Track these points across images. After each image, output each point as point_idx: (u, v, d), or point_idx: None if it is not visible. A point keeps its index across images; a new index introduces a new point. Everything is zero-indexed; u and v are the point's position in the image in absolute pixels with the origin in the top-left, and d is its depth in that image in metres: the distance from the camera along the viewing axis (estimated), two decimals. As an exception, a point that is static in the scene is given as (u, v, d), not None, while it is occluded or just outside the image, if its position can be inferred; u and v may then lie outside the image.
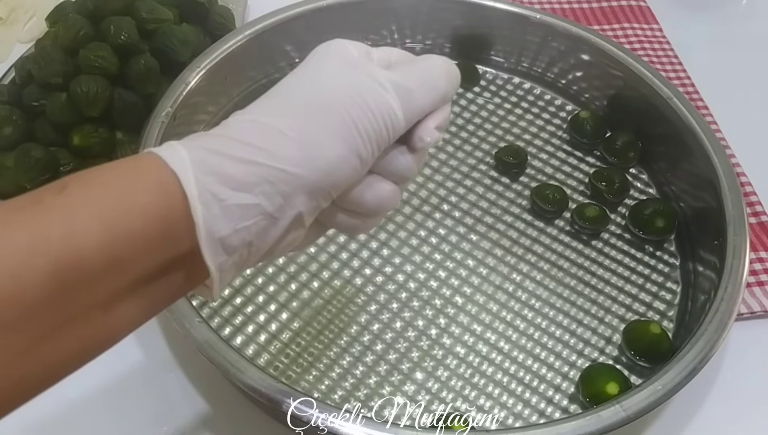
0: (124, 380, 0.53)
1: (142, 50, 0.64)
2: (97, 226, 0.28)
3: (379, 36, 0.73)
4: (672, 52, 0.79)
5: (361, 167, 0.35)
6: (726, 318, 0.51)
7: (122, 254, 0.29)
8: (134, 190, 0.30)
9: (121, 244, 0.29)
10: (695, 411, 0.54)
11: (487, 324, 0.56)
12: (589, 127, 0.68)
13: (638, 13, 0.82)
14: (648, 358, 0.54)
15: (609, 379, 0.51)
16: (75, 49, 0.63)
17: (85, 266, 0.28)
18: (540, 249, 0.61)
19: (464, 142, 0.68)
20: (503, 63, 0.74)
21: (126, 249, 0.29)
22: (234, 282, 0.57)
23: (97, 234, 0.28)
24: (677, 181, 0.65)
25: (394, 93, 0.35)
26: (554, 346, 0.56)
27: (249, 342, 0.54)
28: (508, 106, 0.72)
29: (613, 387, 0.51)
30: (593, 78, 0.71)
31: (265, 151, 0.32)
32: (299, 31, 0.69)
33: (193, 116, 0.63)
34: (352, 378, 0.53)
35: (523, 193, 0.65)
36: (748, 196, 0.66)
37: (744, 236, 0.56)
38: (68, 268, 0.27)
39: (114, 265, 0.29)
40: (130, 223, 0.29)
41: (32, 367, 0.28)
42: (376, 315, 0.56)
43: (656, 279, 0.60)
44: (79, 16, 0.65)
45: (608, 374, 0.52)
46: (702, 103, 0.73)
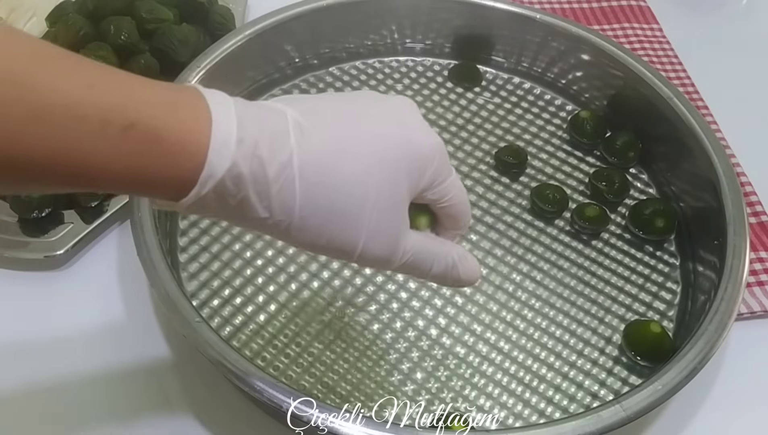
0: (124, 380, 0.53)
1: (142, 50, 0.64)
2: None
3: (379, 36, 0.73)
4: (672, 52, 0.79)
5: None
6: (726, 318, 0.51)
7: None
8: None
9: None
10: (695, 411, 0.54)
11: (487, 324, 0.56)
12: (589, 127, 0.68)
13: (638, 13, 0.82)
14: (648, 358, 0.54)
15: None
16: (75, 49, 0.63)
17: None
18: (540, 249, 0.61)
19: (464, 142, 0.68)
20: (503, 63, 0.74)
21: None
22: (234, 282, 0.57)
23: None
24: (677, 181, 0.65)
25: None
26: (554, 346, 0.56)
27: (249, 342, 0.54)
28: (508, 106, 0.72)
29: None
30: (593, 78, 0.71)
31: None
32: (299, 31, 0.69)
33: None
34: (352, 378, 0.53)
35: (523, 193, 0.65)
36: (748, 196, 0.66)
37: (744, 236, 0.56)
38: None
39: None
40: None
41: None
42: (376, 315, 0.56)
43: (656, 279, 0.60)
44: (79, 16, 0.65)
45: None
46: (702, 103, 0.73)
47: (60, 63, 0.31)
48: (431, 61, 0.74)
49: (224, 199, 0.35)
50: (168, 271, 0.50)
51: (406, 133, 0.37)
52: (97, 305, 0.56)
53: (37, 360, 0.53)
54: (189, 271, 0.57)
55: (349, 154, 0.36)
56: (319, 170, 0.35)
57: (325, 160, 0.35)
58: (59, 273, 0.58)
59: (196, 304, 0.55)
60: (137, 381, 0.53)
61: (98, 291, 0.57)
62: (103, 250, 0.59)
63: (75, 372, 0.53)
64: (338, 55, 0.72)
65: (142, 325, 0.55)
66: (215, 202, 0.35)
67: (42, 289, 0.57)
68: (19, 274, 0.57)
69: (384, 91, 0.71)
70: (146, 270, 0.51)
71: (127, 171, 0.32)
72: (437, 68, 0.74)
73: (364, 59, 0.73)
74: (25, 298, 0.56)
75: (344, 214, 0.36)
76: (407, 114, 0.38)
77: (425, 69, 0.74)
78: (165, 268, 0.50)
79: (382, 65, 0.73)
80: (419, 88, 0.72)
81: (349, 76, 0.72)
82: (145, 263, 0.51)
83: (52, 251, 0.57)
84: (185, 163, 0.33)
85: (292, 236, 0.36)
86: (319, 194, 0.35)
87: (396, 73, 0.73)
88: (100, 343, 0.54)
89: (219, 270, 0.58)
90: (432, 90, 0.72)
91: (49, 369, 0.53)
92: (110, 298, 0.57)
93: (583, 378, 0.54)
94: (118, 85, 0.32)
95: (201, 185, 0.33)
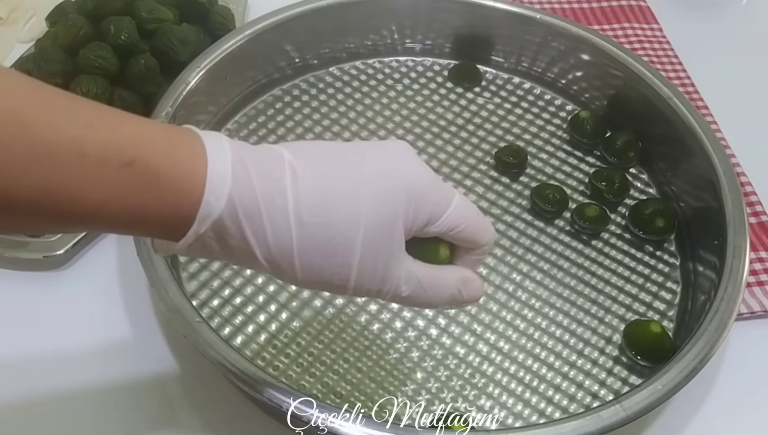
0: (124, 380, 0.53)
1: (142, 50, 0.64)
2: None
3: (378, 36, 0.73)
4: (672, 52, 0.79)
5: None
6: (726, 318, 0.51)
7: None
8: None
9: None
10: (695, 411, 0.54)
11: (487, 324, 0.56)
12: (589, 127, 0.68)
13: (638, 13, 0.82)
14: (648, 358, 0.54)
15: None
16: (75, 49, 0.63)
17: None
18: (540, 249, 0.61)
19: (464, 142, 0.68)
20: (503, 63, 0.74)
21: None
22: (234, 282, 0.57)
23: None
24: (677, 181, 0.65)
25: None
26: (554, 346, 0.56)
27: (249, 342, 0.54)
28: (508, 106, 0.72)
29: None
30: (593, 78, 0.71)
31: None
32: (299, 31, 0.69)
33: (193, 116, 0.63)
34: (352, 378, 0.53)
35: (523, 193, 0.65)
36: (748, 196, 0.66)
37: (744, 236, 0.56)
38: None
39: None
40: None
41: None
42: (376, 315, 0.56)
43: (656, 279, 0.60)
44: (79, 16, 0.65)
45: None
46: (702, 103, 0.73)
47: (57, 102, 0.32)
48: (431, 61, 0.74)
49: (224, 239, 0.35)
50: (168, 271, 0.50)
51: (401, 173, 0.37)
52: (96, 305, 0.56)
53: (37, 360, 0.53)
54: (189, 271, 0.57)
55: (344, 193, 0.36)
56: (314, 210, 0.35)
57: (319, 198, 0.35)
58: (59, 273, 0.58)
59: (196, 304, 0.55)
60: (137, 381, 0.53)
61: (98, 291, 0.57)
62: (103, 250, 0.59)
63: (74, 372, 0.53)
64: (338, 55, 0.72)
65: (142, 325, 0.55)
66: (216, 243, 0.35)
67: (41, 289, 0.57)
68: (18, 274, 0.57)
69: (384, 91, 0.71)
70: (146, 270, 0.51)
71: (125, 209, 0.33)
72: (437, 68, 0.74)
73: (364, 59, 0.73)
74: (24, 298, 0.56)
75: (337, 253, 0.36)
76: (404, 154, 0.38)
77: (425, 69, 0.74)
78: (165, 268, 0.50)
79: (382, 65, 0.73)
80: (419, 88, 0.72)
81: (349, 76, 0.72)
82: (145, 263, 0.51)
83: (52, 251, 0.57)
84: (183, 200, 0.33)
85: (297, 276, 0.36)
86: (315, 233, 0.35)
87: (396, 73, 0.73)
88: (100, 343, 0.54)
89: (219, 270, 0.57)
90: (432, 90, 0.72)
91: (49, 369, 0.53)
92: (110, 299, 0.57)
93: (583, 378, 0.54)
94: (116, 124, 0.33)
95: (199, 223, 0.34)
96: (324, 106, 0.70)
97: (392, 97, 0.71)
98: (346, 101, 0.70)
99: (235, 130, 0.67)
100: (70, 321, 0.55)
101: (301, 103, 0.69)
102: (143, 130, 0.33)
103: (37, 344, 0.54)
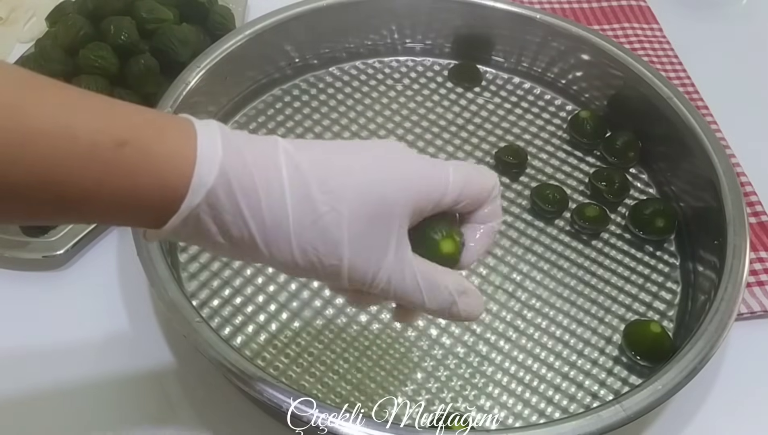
0: (125, 380, 0.53)
1: (142, 50, 0.64)
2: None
3: (378, 36, 0.73)
4: (672, 52, 0.79)
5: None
6: (726, 318, 0.51)
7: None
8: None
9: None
10: (695, 411, 0.54)
11: (487, 324, 0.56)
12: (589, 127, 0.68)
13: (638, 13, 0.82)
14: (648, 358, 0.54)
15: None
16: (75, 49, 0.63)
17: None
18: (540, 249, 0.61)
19: (464, 142, 0.68)
20: (503, 63, 0.74)
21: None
22: (234, 282, 0.57)
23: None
24: (677, 181, 0.65)
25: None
26: (554, 346, 0.56)
27: (249, 342, 0.54)
28: (508, 106, 0.72)
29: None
30: (593, 78, 0.71)
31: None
32: (299, 31, 0.69)
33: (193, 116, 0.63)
34: (352, 378, 0.53)
35: (523, 193, 0.65)
36: (748, 196, 0.66)
37: (744, 236, 0.56)
38: None
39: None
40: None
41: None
42: (376, 315, 0.56)
43: (656, 279, 0.60)
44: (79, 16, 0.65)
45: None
46: (702, 103, 0.73)
47: (47, 90, 0.32)
48: (431, 61, 0.74)
49: (219, 215, 0.34)
50: (168, 271, 0.50)
51: (393, 159, 0.37)
52: (96, 305, 0.56)
53: (37, 360, 0.53)
54: (189, 271, 0.57)
55: (336, 164, 0.36)
56: (308, 183, 0.35)
57: (313, 170, 0.35)
58: (59, 273, 0.58)
59: (196, 304, 0.55)
60: (137, 381, 0.53)
61: (98, 291, 0.57)
62: (103, 250, 0.59)
63: (75, 372, 0.53)
64: (338, 55, 0.72)
65: (142, 325, 0.55)
66: (211, 219, 0.35)
67: (42, 289, 0.57)
68: (18, 274, 0.57)
69: (384, 91, 0.71)
70: (146, 270, 0.51)
71: (119, 190, 0.33)
72: (437, 68, 0.74)
73: (364, 59, 0.73)
74: (24, 298, 0.56)
75: (329, 229, 0.35)
76: (398, 148, 0.38)
77: (425, 69, 0.74)
78: (165, 268, 0.50)
79: (382, 65, 0.73)
80: (419, 88, 0.72)
81: (349, 76, 0.72)
82: (145, 263, 0.51)
83: (52, 251, 0.57)
84: (175, 177, 0.33)
85: (294, 256, 0.36)
86: (309, 208, 0.35)
87: (396, 73, 0.73)
88: (100, 343, 0.54)
89: (219, 270, 0.58)
90: (432, 90, 0.72)
91: (49, 369, 0.53)
92: (110, 299, 0.57)
93: (583, 378, 0.54)
94: (107, 109, 0.33)
95: (193, 193, 0.34)
96: (324, 106, 0.70)
97: (392, 97, 0.71)
98: (346, 101, 0.70)
99: (235, 130, 0.67)
100: (70, 321, 0.55)
101: (301, 103, 0.69)
102: (134, 114, 0.34)
103: (37, 344, 0.54)
